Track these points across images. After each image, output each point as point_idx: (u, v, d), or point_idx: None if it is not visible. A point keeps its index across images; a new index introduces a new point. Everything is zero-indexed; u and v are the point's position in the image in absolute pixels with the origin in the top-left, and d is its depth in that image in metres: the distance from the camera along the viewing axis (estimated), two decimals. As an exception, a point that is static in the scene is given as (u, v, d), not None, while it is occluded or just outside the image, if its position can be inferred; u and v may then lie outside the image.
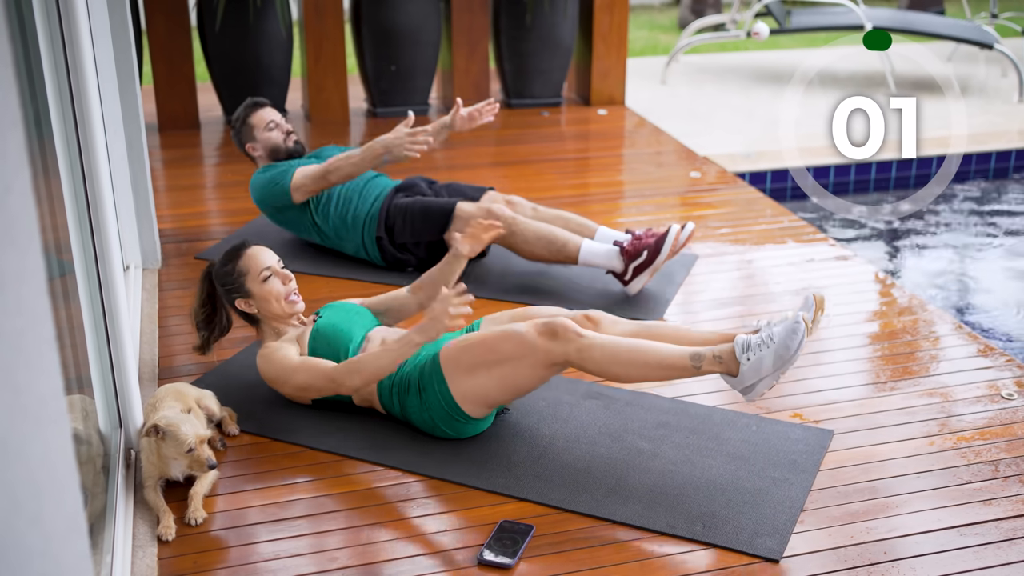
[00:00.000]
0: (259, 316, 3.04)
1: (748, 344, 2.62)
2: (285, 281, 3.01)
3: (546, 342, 2.69)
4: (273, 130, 4.05)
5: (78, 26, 2.55)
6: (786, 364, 2.58)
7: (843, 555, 2.44)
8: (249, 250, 3.02)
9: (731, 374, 2.64)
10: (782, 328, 2.60)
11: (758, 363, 2.60)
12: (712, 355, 2.64)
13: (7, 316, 1.00)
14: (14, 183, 1.03)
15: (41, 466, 1.07)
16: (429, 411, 2.82)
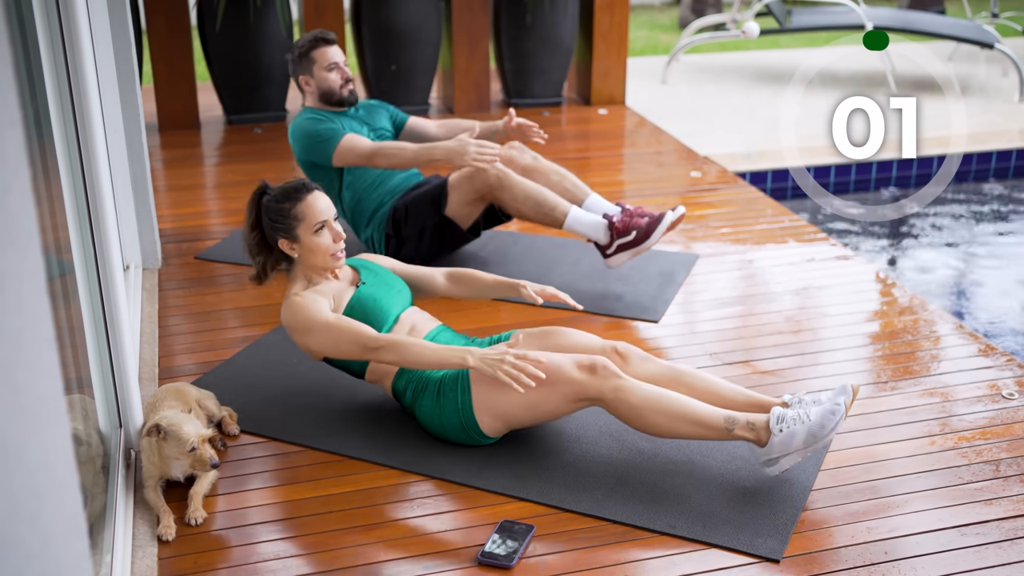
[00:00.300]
0: (296, 261, 2.93)
1: (783, 417, 2.59)
2: (336, 238, 2.90)
3: (584, 376, 2.66)
4: (332, 71, 3.92)
5: (78, 26, 2.55)
6: (817, 444, 2.56)
7: (844, 555, 2.43)
8: (310, 196, 2.89)
9: (759, 443, 2.62)
10: (820, 409, 2.58)
11: (789, 437, 2.57)
12: (747, 422, 2.62)
13: (7, 316, 1.00)
14: (14, 183, 1.03)
15: (40, 466, 1.07)
16: (442, 417, 2.80)
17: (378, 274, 3.05)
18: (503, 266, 4.06)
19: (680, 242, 4.40)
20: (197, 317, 3.69)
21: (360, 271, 3.04)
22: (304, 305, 2.84)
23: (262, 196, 2.94)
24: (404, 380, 2.88)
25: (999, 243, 5.49)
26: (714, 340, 3.52)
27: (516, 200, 3.79)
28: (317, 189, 2.92)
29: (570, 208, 3.77)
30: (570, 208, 3.77)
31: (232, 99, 6.05)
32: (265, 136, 5.91)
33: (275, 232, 2.91)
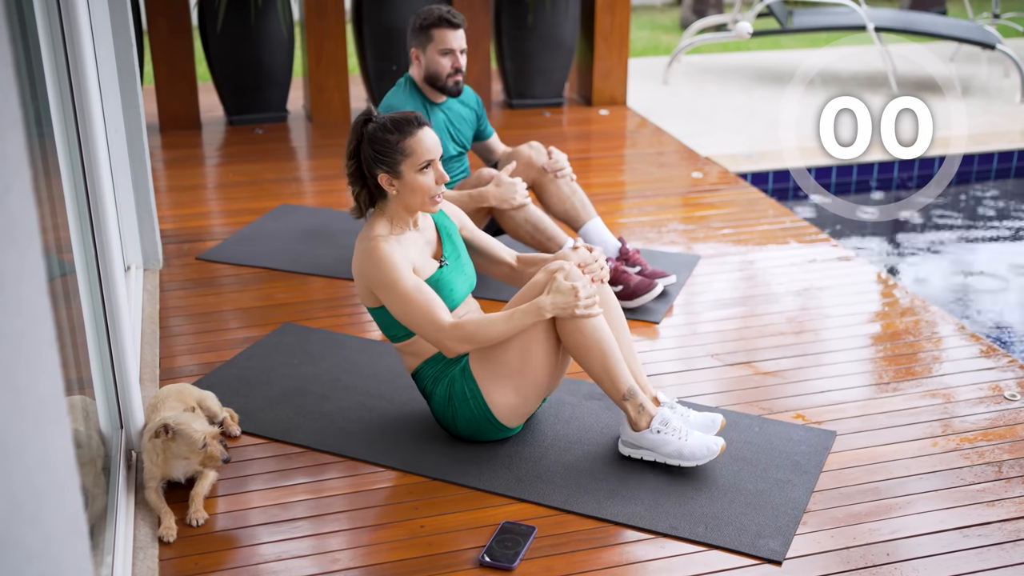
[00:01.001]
0: (391, 198, 2.74)
1: (667, 421, 2.69)
2: (440, 180, 2.72)
3: None
4: (446, 56, 3.80)
5: (79, 26, 2.55)
6: (676, 462, 2.69)
7: (846, 556, 2.43)
8: (420, 131, 2.70)
9: (635, 427, 2.71)
10: (700, 441, 2.68)
11: (661, 442, 2.69)
12: (640, 404, 2.70)
13: (7, 317, 0.99)
14: (14, 183, 1.03)
15: (41, 467, 1.06)
16: (454, 409, 2.79)
17: (459, 255, 2.90)
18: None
19: (681, 243, 4.40)
20: (198, 318, 3.69)
21: (443, 240, 2.88)
22: (389, 257, 2.67)
23: (367, 123, 2.72)
24: (431, 368, 2.83)
25: (1000, 244, 5.48)
26: (715, 341, 3.52)
27: (515, 219, 3.77)
28: (428, 125, 2.73)
29: (566, 241, 3.76)
30: (566, 241, 3.76)
31: (233, 99, 6.05)
32: (266, 136, 5.91)
33: (376, 164, 2.69)
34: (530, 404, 2.79)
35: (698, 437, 2.69)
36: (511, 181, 3.72)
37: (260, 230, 4.47)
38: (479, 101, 4.11)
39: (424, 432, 2.90)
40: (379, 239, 2.70)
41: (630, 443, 2.75)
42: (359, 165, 2.73)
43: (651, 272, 3.81)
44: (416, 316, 2.67)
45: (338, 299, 3.80)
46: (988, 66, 8.17)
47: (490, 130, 4.14)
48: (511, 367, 2.71)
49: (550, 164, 3.94)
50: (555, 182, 3.95)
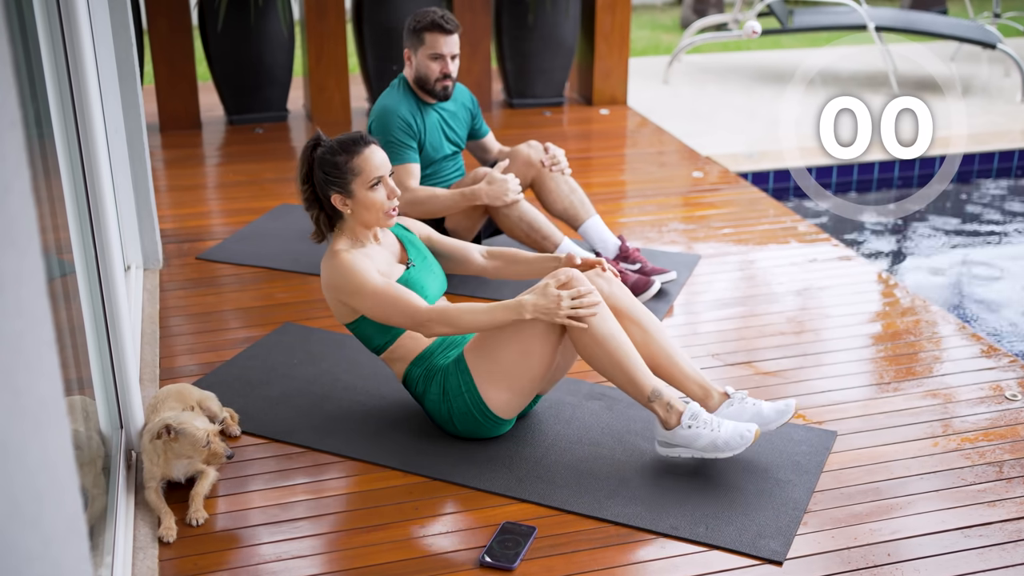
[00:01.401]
0: (347, 217, 2.81)
1: (697, 416, 2.66)
2: (391, 195, 2.79)
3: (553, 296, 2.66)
4: (435, 61, 3.81)
5: (79, 26, 2.54)
6: (713, 453, 2.66)
7: (846, 557, 2.43)
8: (367, 149, 2.77)
9: (666, 425, 2.69)
10: (731, 428, 2.65)
11: (694, 436, 2.66)
12: (667, 402, 2.68)
13: (7, 318, 0.99)
14: (13, 184, 1.02)
15: (41, 468, 1.06)
16: (450, 404, 2.79)
17: (424, 257, 2.97)
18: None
19: (682, 243, 4.40)
20: (198, 318, 3.68)
21: (406, 247, 2.95)
22: (352, 266, 2.73)
23: (315, 147, 2.80)
24: (419, 369, 2.85)
25: (1001, 244, 5.48)
26: (716, 341, 3.51)
27: (510, 217, 3.77)
28: (374, 143, 2.80)
29: (562, 241, 3.77)
30: (562, 241, 3.77)
31: (233, 99, 6.05)
32: (266, 136, 5.90)
33: (328, 186, 2.77)
34: (524, 399, 2.80)
35: (730, 427, 2.64)
36: (503, 178, 3.73)
37: (260, 230, 4.46)
38: (474, 100, 4.11)
39: (424, 432, 2.90)
40: (341, 252, 2.78)
41: (665, 442, 2.71)
42: (313, 190, 2.82)
43: (651, 269, 3.82)
44: (392, 309, 2.71)
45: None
46: (989, 65, 8.17)
47: (485, 129, 4.14)
48: (509, 363, 2.71)
49: (547, 158, 3.94)
50: (554, 180, 3.95)
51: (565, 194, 3.95)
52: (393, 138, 3.81)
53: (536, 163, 3.94)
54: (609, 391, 3.12)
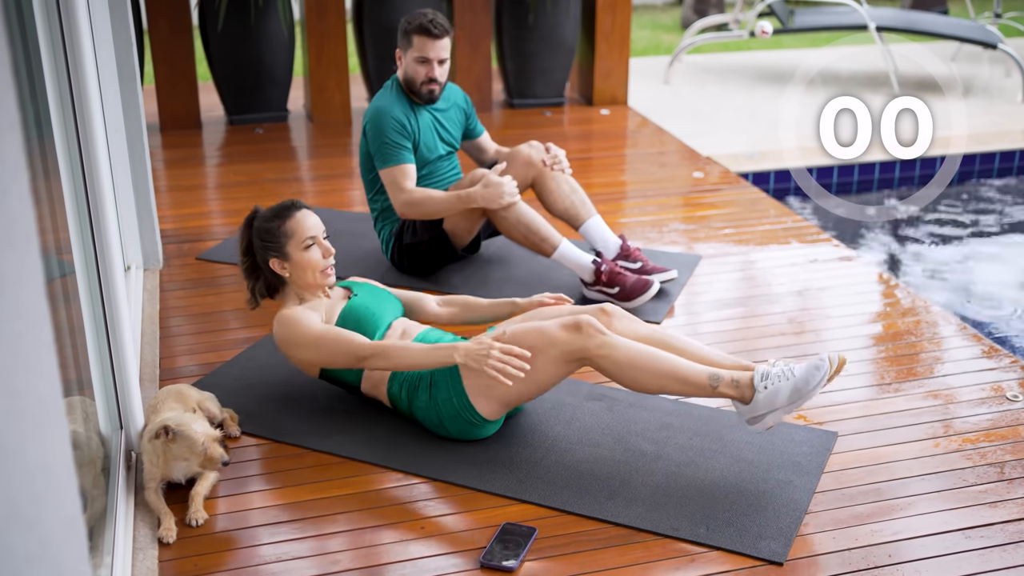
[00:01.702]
0: (287, 280, 2.98)
1: (768, 374, 2.62)
2: (326, 254, 2.96)
3: (569, 335, 2.67)
4: (422, 64, 3.81)
5: (79, 26, 2.54)
6: (801, 400, 2.58)
7: (847, 558, 2.42)
8: (299, 213, 2.95)
9: (743, 401, 2.64)
10: (805, 365, 2.61)
11: (774, 393, 2.60)
12: (731, 379, 2.64)
13: (5, 319, 0.99)
14: (12, 185, 1.02)
15: (39, 470, 1.06)
16: (438, 409, 2.80)
17: (367, 288, 3.10)
18: (506, 267, 4.06)
19: (682, 243, 4.39)
20: (198, 318, 3.68)
21: (352, 287, 3.10)
22: (295, 318, 2.89)
23: (252, 221, 3.01)
24: (397, 384, 2.89)
25: (1003, 244, 5.47)
26: (717, 341, 3.51)
27: (508, 219, 3.75)
28: (306, 207, 2.98)
29: (561, 242, 3.75)
30: (561, 242, 3.75)
31: (233, 99, 6.05)
32: (267, 136, 5.90)
33: (266, 252, 2.96)
34: (511, 407, 2.84)
35: (802, 367, 2.60)
36: (499, 181, 3.71)
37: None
38: (467, 100, 4.11)
39: (424, 434, 2.89)
40: (283, 309, 2.95)
41: (754, 417, 2.65)
42: (253, 259, 3.02)
43: (652, 268, 3.81)
44: (334, 354, 2.84)
45: (339, 299, 3.79)
46: (990, 66, 8.16)
47: (480, 128, 4.14)
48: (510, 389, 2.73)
49: (549, 158, 3.93)
50: (555, 180, 3.94)
51: (566, 194, 3.95)
52: (388, 139, 3.81)
53: (537, 163, 3.94)
54: (610, 392, 3.12)
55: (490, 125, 6.17)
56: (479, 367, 2.67)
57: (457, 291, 3.87)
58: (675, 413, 3.01)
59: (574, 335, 2.68)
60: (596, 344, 2.66)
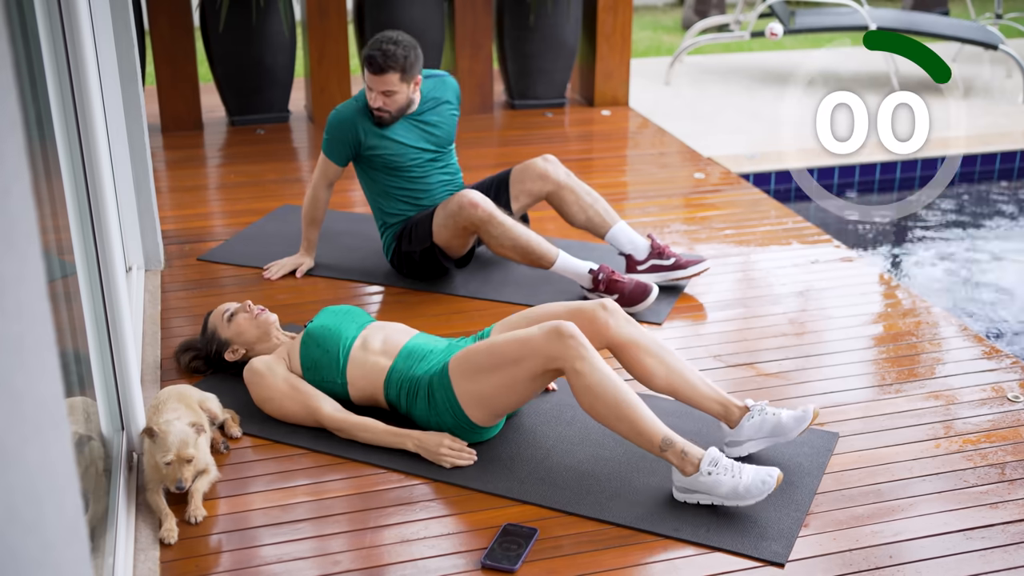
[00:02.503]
0: (248, 353, 3.14)
1: (717, 461, 2.55)
2: (247, 310, 3.15)
3: (548, 341, 2.63)
4: (369, 92, 3.76)
5: (80, 26, 2.54)
6: (736, 501, 2.55)
7: (848, 559, 2.42)
8: (210, 314, 3.22)
9: (683, 472, 2.58)
10: (753, 475, 2.53)
11: (714, 483, 2.55)
12: (681, 450, 2.57)
13: (7, 320, 0.99)
14: (13, 186, 1.02)
15: (40, 471, 1.06)
16: (438, 416, 2.81)
17: (325, 311, 3.12)
18: (505, 269, 4.05)
19: (683, 244, 4.39)
20: (199, 319, 3.67)
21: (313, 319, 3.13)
22: (260, 379, 2.98)
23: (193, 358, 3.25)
24: (395, 390, 2.89)
25: (1004, 245, 5.47)
26: (718, 343, 3.51)
27: (502, 244, 3.69)
28: (210, 313, 3.22)
29: (557, 255, 3.71)
30: (557, 255, 3.71)
31: (235, 100, 6.05)
32: (268, 137, 5.90)
33: (219, 356, 3.17)
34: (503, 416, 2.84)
35: (751, 472, 2.54)
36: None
37: (262, 231, 4.46)
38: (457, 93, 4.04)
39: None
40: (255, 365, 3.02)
41: (684, 488, 2.60)
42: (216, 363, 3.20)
43: (686, 262, 3.82)
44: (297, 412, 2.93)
45: (339, 300, 3.79)
46: (991, 66, 8.16)
47: None
48: (492, 391, 2.73)
49: None
50: (574, 192, 3.92)
51: (588, 204, 3.91)
52: (327, 135, 3.87)
53: (552, 178, 3.92)
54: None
55: (491, 126, 6.17)
56: (433, 460, 2.75)
57: (457, 292, 3.87)
58: (677, 414, 3.01)
59: (554, 342, 2.62)
60: (574, 356, 2.60)
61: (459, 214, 3.68)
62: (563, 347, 2.62)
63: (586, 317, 2.84)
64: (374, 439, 2.83)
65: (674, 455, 2.57)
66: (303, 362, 2.98)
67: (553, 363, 2.63)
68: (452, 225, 3.71)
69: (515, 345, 2.69)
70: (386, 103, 3.76)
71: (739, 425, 2.77)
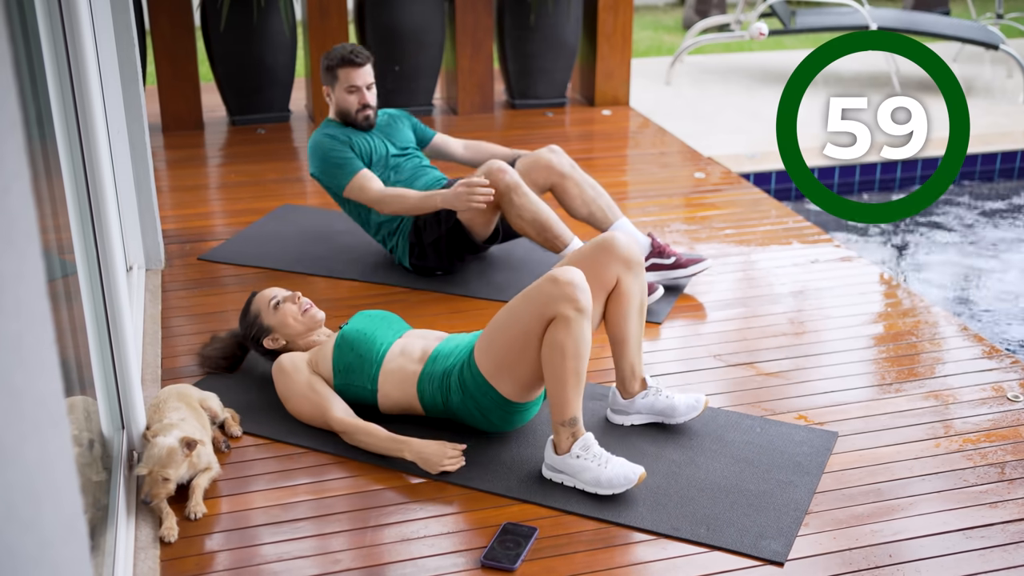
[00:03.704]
0: (289, 345, 3.11)
1: (588, 447, 2.62)
2: (295, 301, 3.10)
3: (544, 285, 2.64)
4: (352, 93, 3.91)
5: (81, 26, 2.55)
6: (594, 490, 2.62)
7: (848, 558, 2.42)
8: (255, 298, 3.16)
9: (556, 450, 2.66)
10: (618, 468, 2.60)
11: (580, 467, 2.62)
12: (573, 432, 2.64)
13: (6, 318, 0.99)
14: (13, 185, 1.02)
15: (39, 470, 1.06)
16: (476, 403, 2.79)
17: (363, 314, 3.09)
18: (506, 269, 4.06)
19: (684, 243, 4.39)
20: (200, 318, 3.69)
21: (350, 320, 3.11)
22: (285, 371, 2.99)
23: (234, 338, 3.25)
24: (429, 393, 2.86)
25: (1004, 244, 5.47)
26: (718, 342, 3.51)
27: (522, 216, 3.71)
28: (256, 294, 3.17)
29: (572, 240, 3.72)
30: (572, 240, 3.72)
31: (236, 100, 6.05)
32: (269, 137, 5.91)
33: (258, 340, 3.13)
34: (535, 385, 2.78)
35: (618, 465, 2.61)
36: (469, 188, 3.65)
37: (262, 230, 4.46)
38: (404, 112, 4.20)
39: (426, 433, 2.90)
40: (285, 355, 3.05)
41: (551, 467, 2.69)
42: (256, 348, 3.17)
43: (687, 261, 3.83)
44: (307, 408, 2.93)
45: (340, 299, 3.80)
46: (991, 66, 8.16)
47: (430, 132, 4.21)
48: (511, 357, 2.71)
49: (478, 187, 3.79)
50: (578, 186, 3.92)
51: (591, 199, 3.92)
52: (332, 158, 3.90)
53: (557, 169, 3.91)
54: (611, 392, 3.12)
55: (492, 126, 6.17)
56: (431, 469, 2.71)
57: (457, 292, 3.87)
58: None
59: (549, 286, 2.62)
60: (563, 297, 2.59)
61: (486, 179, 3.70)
62: (557, 290, 2.61)
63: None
64: (376, 444, 2.80)
65: (567, 434, 2.64)
66: (335, 365, 2.94)
67: (548, 308, 2.62)
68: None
69: (519, 300, 2.71)
70: (369, 97, 3.94)
71: (632, 399, 2.90)
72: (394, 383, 2.89)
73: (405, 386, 2.88)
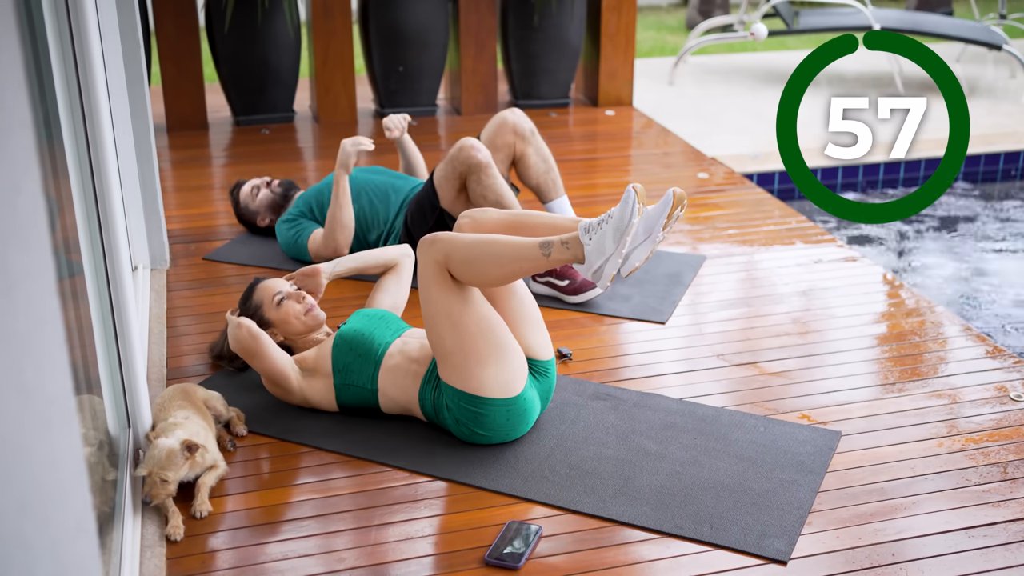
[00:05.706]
0: (287, 342, 3.11)
1: (589, 225, 2.58)
2: (300, 299, 3.09)
3: (427, 255, 2.68)
4: (258, 194, 4.24)
5: (87, 27, 2.56)
6: (624, 236, 2.52)
7: (851, 557, 2.43)
8: (260, 284, 3.13)
9: (579, 261, 2.60)
10: (620, 206, 2.55)
11: (600, 241, 2.55)
12: (560, 242, 2.60)
13: (16, 317, 1.00)
14: (23, 184, 1.03)
15: (49, 467, 1.07)
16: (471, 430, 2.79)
17: (360, 313, 3.09)
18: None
19: (687, 243, 4.40)
20: (205, 318, 3.70)
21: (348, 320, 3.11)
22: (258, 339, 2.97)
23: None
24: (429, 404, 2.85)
25: (1007, 244, 5.47)
26: (721, 342, 3.52)
27: (485, 198, 3.78)
28: (260, 279, 3.15)
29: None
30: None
31: (240, 100, 6.06)
32: (273, 137, 5.92)
33: None
34: (510, 364, 2.75)
35: (616, 209, 2.55)
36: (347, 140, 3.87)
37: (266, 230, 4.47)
38: None
39: (429, 432, 2.91)
40: None
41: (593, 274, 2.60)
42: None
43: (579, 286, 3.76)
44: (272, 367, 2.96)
45: (344, 299, 3.81)
46: (994, 67, 8.16)
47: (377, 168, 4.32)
48: (459, 351, 2.71)
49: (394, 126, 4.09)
50: (538, 154, 4.10)
51: (542, 171, 4.11)
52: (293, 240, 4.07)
53: (520, 131, 4.07)
54: (614, 391, 3.13)
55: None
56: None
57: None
58: (679, 412, 3.02)
59: (428, 251, 2.68)
60: (442, 252, 2.65)
61: (457, 156, 3.80)
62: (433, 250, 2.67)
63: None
64: None
65: (559, 251, 2.60)
66: (335, 364, 2.94)
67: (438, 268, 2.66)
68: (451, 174, 3.81)
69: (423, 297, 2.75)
70: None
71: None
72: (394, 383, 2.90)
73: (405, 387, 2.89)
